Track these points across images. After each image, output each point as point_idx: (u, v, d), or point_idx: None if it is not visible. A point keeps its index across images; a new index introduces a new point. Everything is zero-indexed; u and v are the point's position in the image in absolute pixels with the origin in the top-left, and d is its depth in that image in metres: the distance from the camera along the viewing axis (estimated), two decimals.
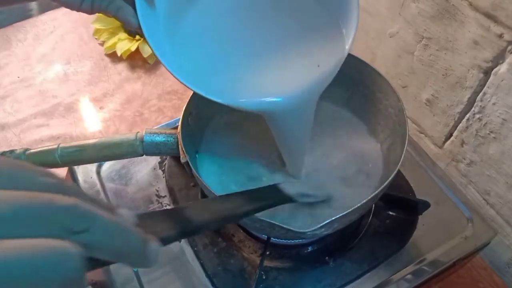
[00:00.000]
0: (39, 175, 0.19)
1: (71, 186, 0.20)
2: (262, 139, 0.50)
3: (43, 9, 0.86)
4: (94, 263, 0.19)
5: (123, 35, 0.75)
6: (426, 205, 0.50)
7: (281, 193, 0.37)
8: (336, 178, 0.48)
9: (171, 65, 0.37)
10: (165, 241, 0.22)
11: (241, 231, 0.49)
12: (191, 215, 0.26)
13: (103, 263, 0.19)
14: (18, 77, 0.73)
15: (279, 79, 0.40)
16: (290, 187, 0.38)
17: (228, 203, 0.31)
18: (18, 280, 0.16)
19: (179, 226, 0.24)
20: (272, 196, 0.37)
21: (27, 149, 0.47)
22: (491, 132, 0.53)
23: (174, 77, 0.37)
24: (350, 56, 0.42)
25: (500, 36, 0.48)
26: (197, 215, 0.27)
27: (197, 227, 0.27)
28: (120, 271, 0.46)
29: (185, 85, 0.38)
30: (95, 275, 0.48)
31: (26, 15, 0.85)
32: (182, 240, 0.49)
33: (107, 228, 0.19)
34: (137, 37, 0.74)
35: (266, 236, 0.47)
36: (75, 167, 0.54)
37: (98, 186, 0.53)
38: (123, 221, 0.20)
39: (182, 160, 0.45)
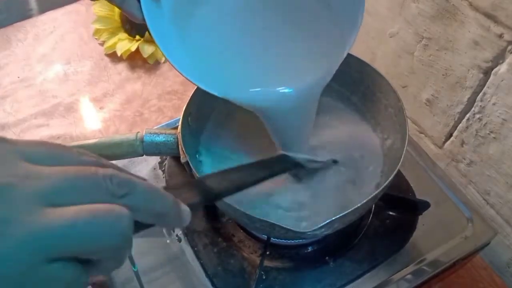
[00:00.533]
0: (79, 154, 0.21)
1: (108, 162, 0.22)
2: (262, 138, 0.50)
3: (43, 9, 0.86)
4: (137, 226, 0.21)
5: (123, 35, 0.75)
6: (426, 205, 0.50)
7: (289, 160, 0.39)
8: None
9: (175, 61, 0.37)
10: (192, 207, 0.24)
11: (241, 231, 0.50)
12: (211, 185, 0.29)
13: (144, 226, 0.22)
14: (18, 77, 0.73)
15: (287, 73, 0.41)
16: (298, 155, 0.41)
17: (243, 172, 0.34)
18: (78, 240, 0.18)
19: (201, 195, 0.27)
20: (281, 163, 0.39)
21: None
22: (491, 132, 0.53)
23: (179, 72, 0.37)
24: (350, 56, 0.42)
25: (500, 36, 0.48)
26: (216, 184, 0.30)
27: (217, 195, 0.30)
28: (120, 271, 0.46)
29: (189, 80, 0.38)
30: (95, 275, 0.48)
31: (26, 15, 0.85)
32: (182, 240, 0.49)
33: (146, 191, 0.21)
34: (137, 37, 0.74)
35: (266, 236, 0.47)
36: None
37: None
38: (157, 187, 0.22)
39: (182, 160, 0.45)
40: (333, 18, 0.41)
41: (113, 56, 0.76)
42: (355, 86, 0.52)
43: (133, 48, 0.73)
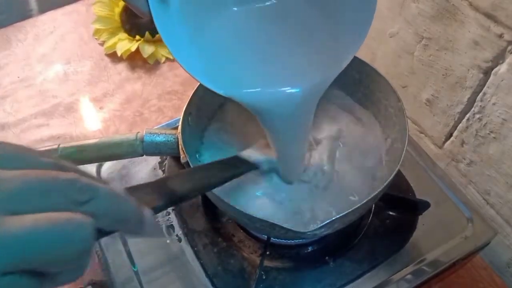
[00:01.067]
0: (38, 156, 0.20)
1: (69, 164, 0.21)
2: (262, 139, 0.50)
3: (43, 9, 0.86)
4: (99, 233, 0.20)
5: (123, 35, 0.75)
6: (426, 205, 0.50)
7: (244, 161, 0.40)
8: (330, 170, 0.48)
9: (181, 58, 0.36)
10: (155, 210, 0.24)
11: (241, 231, 0.50)
12: (174, 186, 0.28)
13: (105, 233, 0.21)
14: (18, 77, 0.73)
15: (292, 77, 0.41)
16: (254, 155, 0.41)
17: (204, 173, 0.34)
18: (37, 251, 0.17)
19: (165, 197, 0.26)
20: (241, 164, 0.39)
21: None
22: (491, 132, 0.53)
23: (185, 69, 0.37)
24: None
25: (500, 36, 0.48)
26: (180, 186, 0.29)
27: (181, 197, 0.29)
28: (120, 271, 0.46)
29: (195, 79, 0.38)
30: (95, 275, 0.48)
31: (26, 15, 0.85)
32: (182, 240, 0.49)
33: (109, 197, 0.20)
34: (137, 37, 0.74)
35: (266, 236, 0.47)
36: None
37: None
38: (120, 191, 0.21)
39: (182, 160, 0.45)
40: (339, 30, 0.41)
41: (113, 56, 0.76)
42: (355, 86, 0.52)
43: (133, 48, 0.73)
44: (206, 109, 0.51)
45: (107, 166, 0.55)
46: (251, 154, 0.42)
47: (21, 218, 0.17)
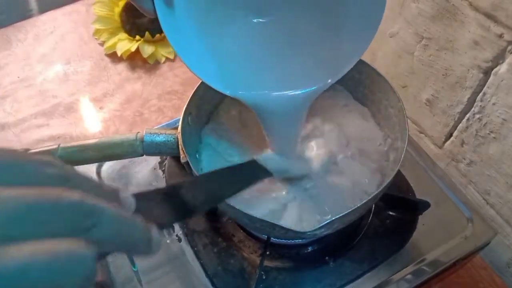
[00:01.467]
0: (41, 166, 0.18)
1: (73, 175, 0.19)
2: (262, 138, 0.50)
3: (43, 9, 0.86)
4: (101, 255, 0.19)
5: (123, 35, 0.75)
6: (426, 205, 0.50)
7: (261, 168, 0.39)
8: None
9: (186, 58, 0.36)
10: (163, 226, 0.23)
11: (241, 231, 0.50)
12: (186, 197, 0.27)
13: (106, 254, 0.20)
14: (18, 77, 0.73)
15: (296, 80, 0.41)
16: (269, 163, 0.40)
17: (219, 181, 0.32)
18: (36, 283, 0.16)
19: (175, 210, 0.25)
20: (254, 172, 0.38)
21: (27, 149, 0.47)
22: (491, 132, 0.53)
23: (191, 70, 0.37)
24: None
25: (500, 36, 0.48)
26: (192, 197, 0.27)
27: (192, 210, 0.27)
28: (120, 271, 0.46)
29: (202, 79, 0.37)
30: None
31: (26, 15, 0.85)
32: (182, 240, 0.49)
33: (114, 221, 0.19)
34: (137, 37, 0.74)
35: (266, 236, 0.47)
36: (75, 167, 0.54)
37: None
38: (126, 211, 0.20)
39: (182, 160, 0.45)
40: (345, 37, 0.42)
41: (113, 56, 0.76)
42: (355, 86, 0.52)
43: (133, 48, 0.73)
44: (206, 109, 0.51)
45: (107, 166, 0.55)
46: (267, 159, 0.40)
47: (16, 249, 0.16)
